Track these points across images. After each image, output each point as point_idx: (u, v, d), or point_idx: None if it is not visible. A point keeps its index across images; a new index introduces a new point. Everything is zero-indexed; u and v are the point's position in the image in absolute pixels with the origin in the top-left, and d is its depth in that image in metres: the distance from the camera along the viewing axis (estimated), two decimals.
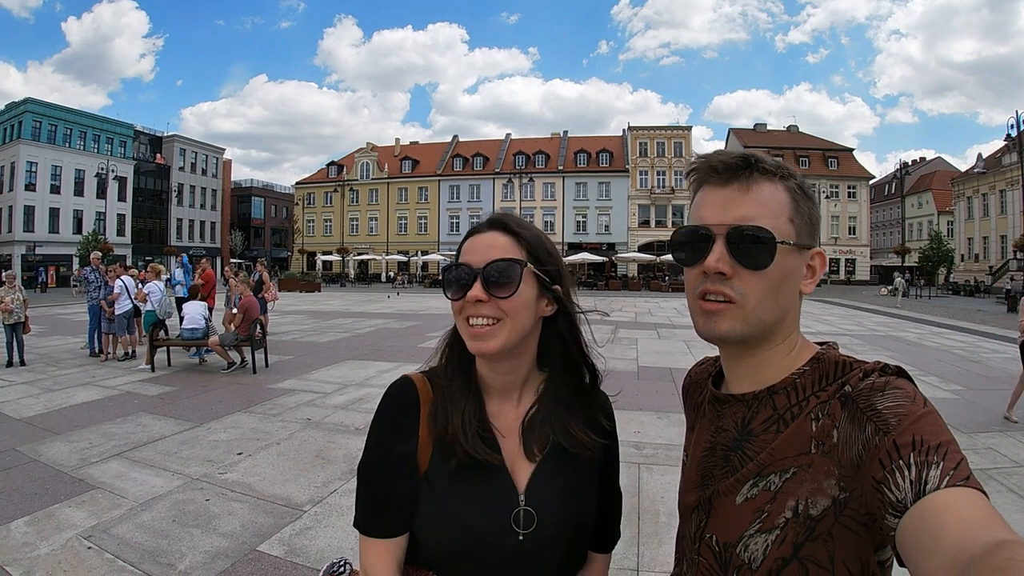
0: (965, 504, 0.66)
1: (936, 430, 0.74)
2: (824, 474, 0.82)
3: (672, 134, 64.10)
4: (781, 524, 0.84)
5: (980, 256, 56.98)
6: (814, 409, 0.87)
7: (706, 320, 0.94)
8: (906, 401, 0.77)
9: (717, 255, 0.91)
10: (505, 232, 1.11)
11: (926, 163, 77.70)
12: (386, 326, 18.60)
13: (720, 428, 1.01)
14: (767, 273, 0.90)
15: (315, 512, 4.47)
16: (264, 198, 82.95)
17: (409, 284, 55.41)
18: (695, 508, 1.00)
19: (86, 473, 5.22)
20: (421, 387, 1.16)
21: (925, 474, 0.69)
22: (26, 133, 51.51)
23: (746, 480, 0.91)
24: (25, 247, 49.17)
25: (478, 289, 1.04)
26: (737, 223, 0.91)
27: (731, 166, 0.94)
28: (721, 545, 0.92)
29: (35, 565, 3.59)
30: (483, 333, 1.05)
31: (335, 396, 8.43)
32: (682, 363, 11.32)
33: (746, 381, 0.98)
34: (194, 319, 10.71)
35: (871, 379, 0.83)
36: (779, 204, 0.92)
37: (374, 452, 1.13)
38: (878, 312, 26.27)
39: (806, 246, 0.95)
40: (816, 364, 0.93)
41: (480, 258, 1.07)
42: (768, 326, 0.93)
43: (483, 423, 1.12)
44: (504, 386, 1.16)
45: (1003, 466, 5.56)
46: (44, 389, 8.79)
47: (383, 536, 1.08)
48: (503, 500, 1.08)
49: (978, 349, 14.28)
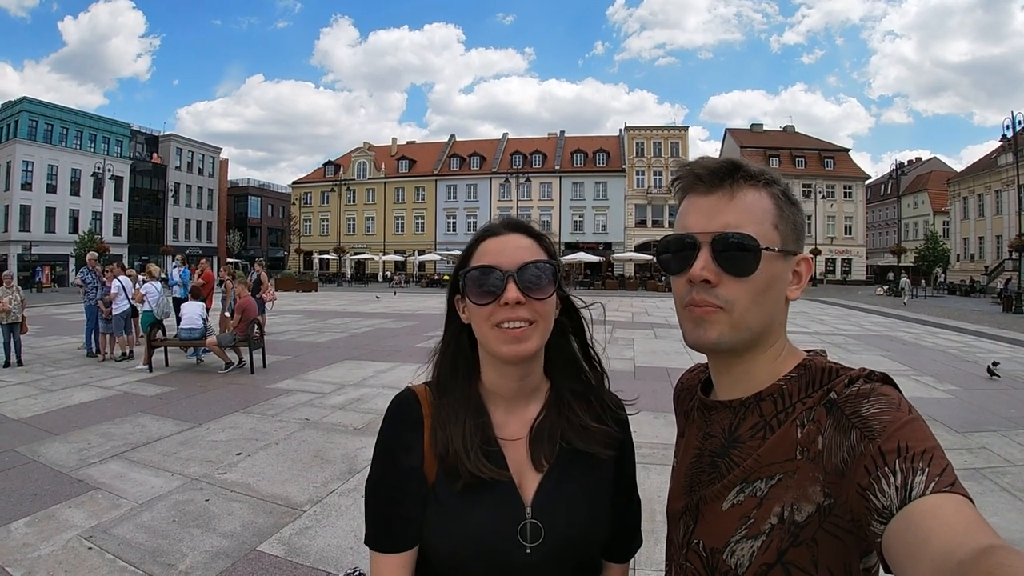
0: (951, 510, 0.66)
1: (921, 436, 0.74)
2: (809, 480, 0.82)
3: (669, 134, 64.18)
4: (767, 530, 0.85)
5: (976, 256, 57.17)
6: (800, 416, 0.87)
7: (695, 327, 0.94)
8: (891, 408, 0.78)
9: (702, 263, 0.91)
10: (528, 235, 1.11)
11: (922, 163, 77.73)
12: (383, 326, 18.60)
13: (708, 434, 1.01)
14: (753, 280, 0.90)
15: (314, 512, 4.49)
16: (261, 198, 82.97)
17: (406, 284, 55.31)
18: (683, 514, 1.01)
19: (85, 474, 5.23)
20: (424, 400, 1.14)
21: (911, 480, 0.69)
22: (22, 132, 51.44)
23: (732, 486, 0.91)
24: (21, 247, 49.06)
25: (515, 291, 1.02)
26: (722, 230, 0.91)
27: (715, 173, 0.94)
28: (708, 551, 0.92)
29: (36, 565, 3.61)
30: (520, 335, 1.03)
31: (333, 396, 8.44)
32: (679, 363, 11.32)
33: (734, 388, 0.99)
34: (192, 319, 10.71)
35: (856, 386, 0.83)
36: (763, 210, 0.93)
37: (381, 468, 1.11)
38: (874, 312, 26.34)
39: (791, 252, 0.95)
40: (803, 371, 0.93)
41: (511, 260, 1.05)
42: (756, 333, 0.93)
43: (487, 437, 1.10)
44: (514, 393, 1.14)
45: (997, 465, 5.59)
46: (42, 390, 8.79)
47: (394, 551, 1.07)
48: (509, 514, 1.06)
49: (973, 349, 14.32)
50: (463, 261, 1.11)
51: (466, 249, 1.13)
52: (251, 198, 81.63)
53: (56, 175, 53.71)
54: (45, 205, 52.71)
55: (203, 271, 13.67)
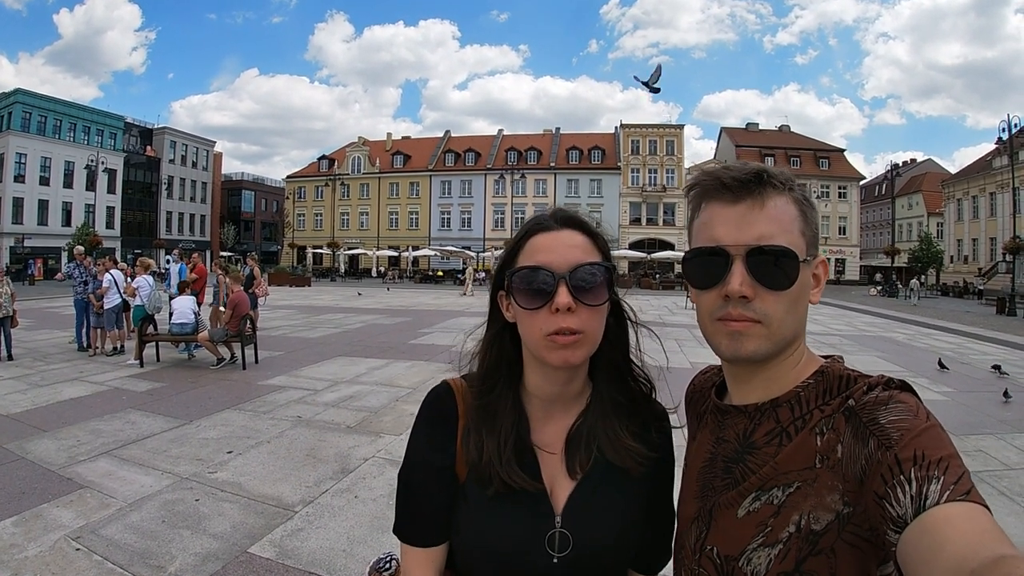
0: (965, 518, 0.66)
1: (938, 444, 0.73)
2: (828, 489, 0.81)
3: (664, 132, 64.13)
4: (784, 539, 0.83)
5: (969, 258, 57.46)
6: (818, 423, 0.86)
7: (731, 341, 0.91)
8: (909, 415, 0.77)
9: (740, 278, 0.88)
10: (583, 231, 1.05)
11: (917, 165, 78.09)
12: (377, 322, 18.53)
13: (721, 439, 0.99)
14: (789, 292, 0.88)
15: (306, 513, 4.43)
16: (255, 191, 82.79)
17: (400, 279, 55.15)
18: (695, 519, 0.98)
19: (74, 472, 5.16)
20: (459, 395, 1.11)
21: (925, 489, 0.69)
22: (16, 124, 51.04)
23: (748, 493, 0.89)
24: (14, 239, 48.64)
25: (567, 297, 0.96)
26: (756, 243, 0.88)
27: (743, 181, 0.90)
28: (723, 558, 0.90)
29: (23, 567, 3.54)
30: (570, 342, 0.97)
31: (326, 393, 8.38)
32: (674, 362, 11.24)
33: (751, 393, 0.96)
34: (183, 314, 10.61)
35: (875, 393, 0.83)
36: (791, 218, 0.91)
37: (412, 463, 1.10)
38: (867, 312, 26.44)
39: (814, 256, 0.94)
40: (820, 377, 0.91)
41: (562, 260, 0.99)
42: (789, 341, 0.92)
43: (523, 444, 1.07)
44: (555, 397, 1.10)
45: (994, 468, 5.58)
46: (32, 384, 8.70)
47: (420, 545, 1.06)
48: (538, 522, 1.04)
49: (966, 351, 14.37)
50: (510, 257, 1.06)
51: (513, 243, 1.07)
52: (245, 192, 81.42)
53: (49, 167, 53.39)
54: (38, 197, 52.39)
55: (195, 265, 13.59)
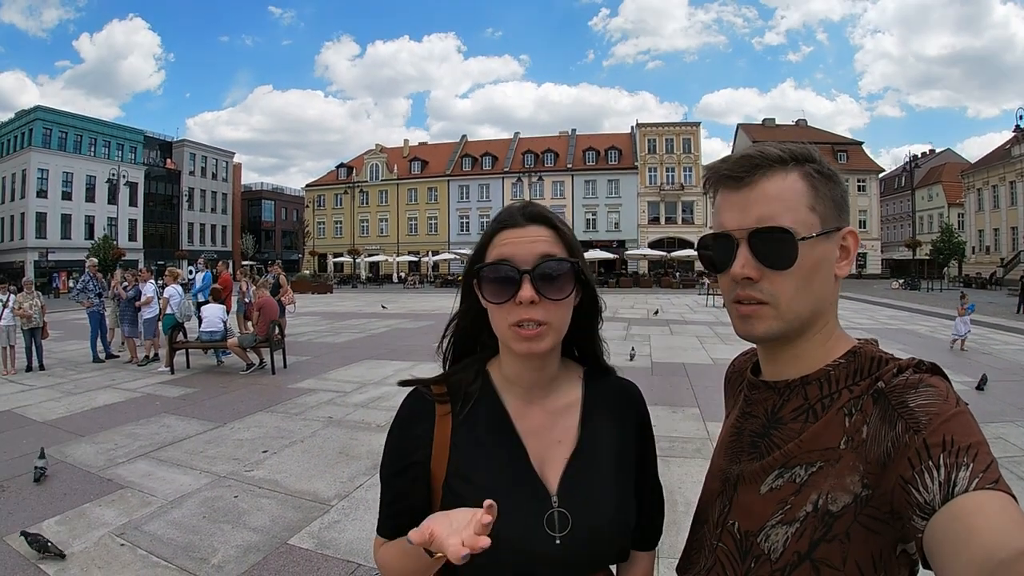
0: (994, 508, 0.65)
1: (967, 430, 0.73)
2: (849, 470, 0.81)
3: (680, 130, 63.75)
4: (801, 517, 0.84)
5: (991, 248, 56.60)
6: (846, 403, 0.86)
7: (742, 323, 0.94)
8: (939, 400, 0.77)
9: (742, 261, 0.90)
10: (547, 226, 1.06)
11: (935, 155, 76.80)
12: (400, 326, 18.66)
13: (749, 414, 1.01)
14: (794, 270, 0.88)
15: (342, 506, 4.54)
16: (274, 201, 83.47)
17: (421, 284, 55.35)
18: (719, 493, 1.00)
19: (114, 473, 5.30)
20: (437, 394, 1.12)
21: (954, 476, 0.68)
22: (37, 140, 51.90)
23: (772, 469, 0.91)
24: (38, 254, 49.38)
25: (530, 291, 0.98)
26: (755, 225, 0.89)
27: (740, 166, 0.92)
28: (743, 533, 0.92)
29: (70, 562, 3.67)
30: (534, 334, 0.99)
31: (354, 395, 8.50)
32: (695, 359, 11.37)
33: (781, 371, 0.97)
34: (213, 322, 10.81)
35: (905, 375, 0.82)
36: (796, 194, 0.90)
37: (386, 460, 1.12)
38: (889, 305, 26.21)
39: (835, 228, 0.91)
40: (852, 357, 0.91)
41: (526, 255, 1.01)
42: (805, 319, 0.91)
43: (506, 430, 1.09)
44: (531, 383, 1.11)
45: (1014, 455, 5.60)
46: (65, 392, 8.90)
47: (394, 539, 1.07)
48: (535, 504, 1.03)
49: (989, 341, 14.25)
50: (479, 252, 1.08)
51: (482, 239, 1.10)
52: (265, 202, 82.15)
53: (71, 182, 54.26)
54: (61, 212, 53.24)
55: (220, 274, 13.77)
